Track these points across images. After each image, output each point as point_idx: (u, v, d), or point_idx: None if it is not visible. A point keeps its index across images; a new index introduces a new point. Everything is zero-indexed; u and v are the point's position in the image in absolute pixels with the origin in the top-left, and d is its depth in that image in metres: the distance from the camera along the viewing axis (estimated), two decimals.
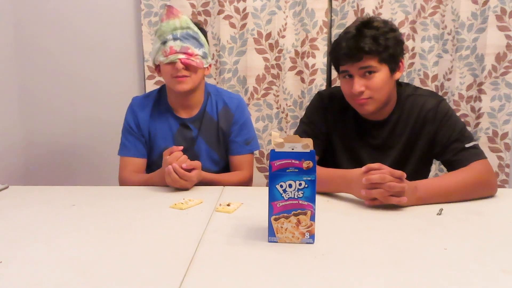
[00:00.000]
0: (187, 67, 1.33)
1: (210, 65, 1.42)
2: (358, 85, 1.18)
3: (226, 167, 1.52)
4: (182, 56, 1.31)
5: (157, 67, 1.41)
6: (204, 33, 1.41)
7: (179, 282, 0.66)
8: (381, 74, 1.18)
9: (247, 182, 1.45)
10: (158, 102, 1.47)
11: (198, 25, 1.39)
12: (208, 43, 1.41)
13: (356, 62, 1.16)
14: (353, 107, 1.26)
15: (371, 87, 1.18)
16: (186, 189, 1.24)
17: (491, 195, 1.14)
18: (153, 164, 1.45)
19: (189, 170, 1.22)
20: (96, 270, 0.71)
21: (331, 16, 2.11)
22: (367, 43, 1.14)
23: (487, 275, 0.69)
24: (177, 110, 1.45)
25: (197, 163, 1.24)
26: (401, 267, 0.71)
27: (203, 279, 0.68)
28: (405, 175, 1.02)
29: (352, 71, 1.19)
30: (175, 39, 1.32)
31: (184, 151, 1.25)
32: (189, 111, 1.46)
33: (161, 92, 1.49)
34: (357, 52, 1.15)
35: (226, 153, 1.50)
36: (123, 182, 1.42)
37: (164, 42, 1.33)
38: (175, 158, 1.20)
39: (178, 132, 1.45)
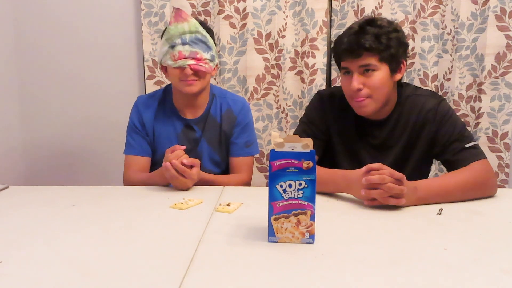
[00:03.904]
0: (196, 72, 1.33)
1: (216, 66, 1.42)
2: (357, 82, 1.17)
3: (227, 170, 1.52)
4: (191, 61, 1.31)
5: (163, 68, 1.41)
6: (211, 33, 1.40)
7: (179, 282, 0.66)
8: (381, 73, 1.18)
9: (245, 185, 1.45)
10: (163, 102, 1.47)
11: (204, 24, 1.39)
12: (215, 44, 1.40)
13: (356, 58, 1.16)
14: (352, 108, 1.25)
15: (369, 85, 1.18)
16: (186, 189, 1.24)
17: (491, 195, 1.14)
18: (157, 164, 1.45)
19: (189, 168, 1.22)
20: (96, 270, 0.71)
21: (331, 16, 2.11)
22: (368, 40, 1.14)
23: (487, 275, 0.69)
24: (182, 110, 1.46)
25: (196, 161, 1.24)
26: (401, 267, 0.71)
27: (203, 279, 0.68)
28: (405, 177, 1.01)
29: (352, 67, 1.18)
30: (184, 43, 1.31)
31: (187, 152, 1.25)
32: (194, 112, 1.46)
33: (166, 92, 1.49)
34: (357, 48, 1.15)
35: (228, 155, 1.50)
36: (127, 181, 1.42)
37: (172, 46, 1.32)
38: (176, 156, 1.21)
39: (182, 133, 1.46)
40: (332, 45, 1.26)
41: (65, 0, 2.16)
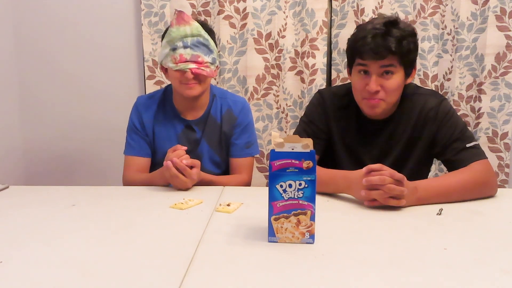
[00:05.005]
0: (197, 76, 1.33)
1: (217, 67, 1.41)
2: (375, 84, 1.16)
3: (227, 170, 1.52)
4: (192, 65, 1.30)
5: (163, 68, 1.41)
6: (213, 35, 1.40)
7: (179, 282, 0.67)
8: (398, 76, 1.18)
9: (245, 186, 1.45)
10: (163, 103, 1.47)
11: (207, 27, 1.38)
12: (216, 45, 1.40)
13: (380, 59, 1.15)
14: (361, 106, 1.24)
15: (386, 88, 1.17)
16: (186, 189, 1.24)
17: (491, 195, 1.14)
18: (157, 165, 1.45)
19: (190, 168, 1.22)
20: (96, 270, 0.71)
21: (331, 16, 2.11)
22: (394, 43, 1.13)
23: (487, 275, 0.69)
24: (182, 111, 1.46)
25: (196, 161, 1.24)
26: (401, 267, 0.71)
27: (203, 279, 0.68)
28: (405, 178, 1.01)
29: (372, 68, 1.17)
30: (185, 47, 1.30)
31: (188, 153, 1.25)
32: (194, 113, 1.46)
33: (166, 92, 1.49)
34: (383, 50, 1.14)
35: (228, 155, 1.50)
36: (126, 181, 1.42)
37: (173, 49, 1.31)
38: (177, 155, 1.21)
39: (182, 134, 1.45)
40: (348, 42, 1.24)
41: (65, 0, 2.16)
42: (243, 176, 1.46)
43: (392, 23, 1.17)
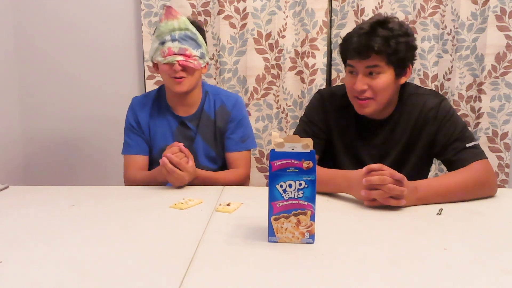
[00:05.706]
0: (185, 68, 1.35)
1: (207, 64, 1.43)
2: (361, 83, 1.17)
3: (224, 166, 1.53)
4: (180, 58, 1.33)
5: (155, 65, 1.43)
6: (202, 33, 1.42)
7: (179, 282, 0.67)
8: (386, 76, 1.17)
9: (244, 180, 1.46)
10: (157, 101, 1.49)
11: (196, 24, 1.41)
12: (206, 42, 1.42)
13: (364, 59, 1.15)
14: (353, 106, 1.25)
15: (373, 87, 1.17)
16: (184, 184, 1.25)
17: (491, 195, 1.14)
18: (154, 162, 1.46)
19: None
20: (96, 270, 0.71)
21: (331, 16, 2.11)
22: (378, 42, 1.13)
23: (487, 275, 0.69)
24: (175, 108, 1.47)
25: (190, 155, 1.27)
26: (401, 267, 0.71)
27: (203, 279, 0.68)
28: (405, 178, 1.01)
29: (358, 68, 1.18)
30: (173, 40, 1.33)
31: None
32: (187, 110, 1.47)
33: (160, 91, 1.51)
34: (366, 50, 1.14)
35: (223, 151, 1.51)
36: (128, 180, 1.43)
37: (162, 43, 1.34)
38: (172, 152, 1.23)
39: (177, 130, 1.47)
40: (340, 42, 1.25)
41: (65, 0, 2.16)
42: (240, 170, 1.46)
43: (380, 23, 1.17)
